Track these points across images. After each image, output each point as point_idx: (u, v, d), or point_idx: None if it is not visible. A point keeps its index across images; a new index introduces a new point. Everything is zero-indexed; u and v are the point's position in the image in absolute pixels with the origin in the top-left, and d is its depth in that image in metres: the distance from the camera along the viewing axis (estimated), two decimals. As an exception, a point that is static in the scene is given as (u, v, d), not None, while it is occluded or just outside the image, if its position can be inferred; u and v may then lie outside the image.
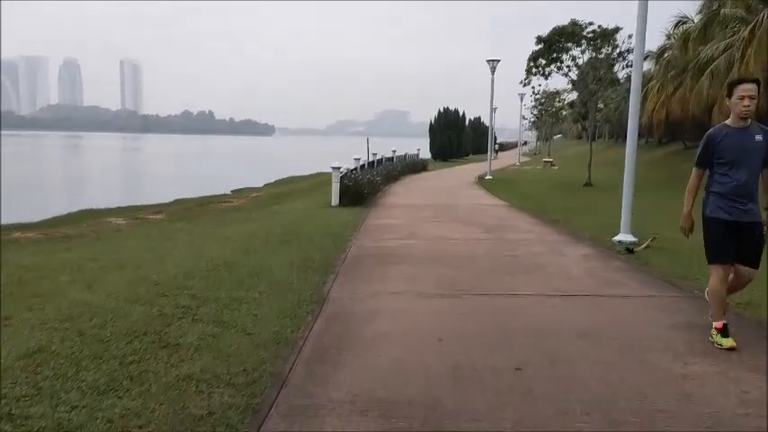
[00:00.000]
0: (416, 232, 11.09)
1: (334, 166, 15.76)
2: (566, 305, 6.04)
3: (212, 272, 7.00)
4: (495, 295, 6.44)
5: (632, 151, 10.20)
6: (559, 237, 10.75)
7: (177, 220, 14.40)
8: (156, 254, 8.23)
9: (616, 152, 48.36)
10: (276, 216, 13.95)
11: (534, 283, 7.01)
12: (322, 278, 7.08)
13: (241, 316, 5.34)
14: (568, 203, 17.00)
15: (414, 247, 9.50)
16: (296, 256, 8.31)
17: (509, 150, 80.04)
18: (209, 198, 25.28)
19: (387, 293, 6.48)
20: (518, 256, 8.68)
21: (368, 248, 9.35)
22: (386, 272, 7.57)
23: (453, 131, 52.55)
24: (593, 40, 24.80)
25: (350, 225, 11.83)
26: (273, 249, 8.77)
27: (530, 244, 9.82)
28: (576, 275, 7.42)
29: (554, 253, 9.01)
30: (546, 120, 60.65)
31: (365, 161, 22.36)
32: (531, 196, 19.26)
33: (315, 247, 9.07)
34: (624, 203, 10.06)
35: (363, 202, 16.14)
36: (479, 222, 12.62)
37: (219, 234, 10.73)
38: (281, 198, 21.90)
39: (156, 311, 5.30)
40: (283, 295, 6.13)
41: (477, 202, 17.38)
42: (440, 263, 8.16)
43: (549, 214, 14.21)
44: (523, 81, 26.88)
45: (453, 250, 9.19)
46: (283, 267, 7.45)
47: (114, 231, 12.00)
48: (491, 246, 9.63)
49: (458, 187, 23.59)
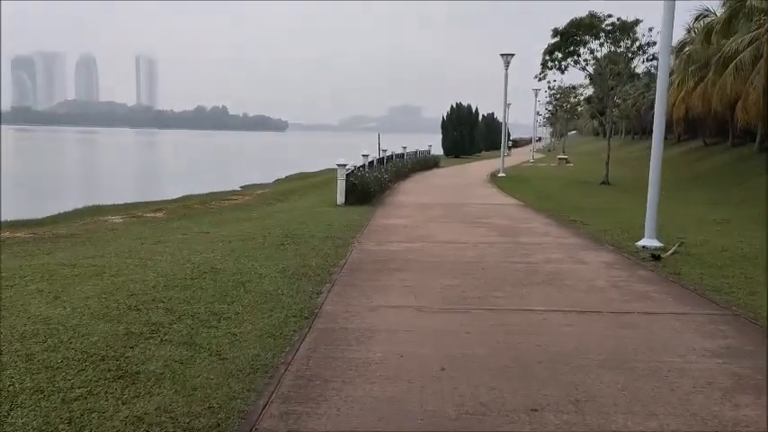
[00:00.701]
0: (424, 234, 10.42)
1: (339, 163, 15.10)
2: (588, 324, 5.34)
3: (196, 280, 6.37)
4: (506, 311, 5.75)
5: (658, 149, 9.42)
6: (578, 240, 10.02)
7: (176, 218, 13.85)
8: (141, 258, 7.62)
9: (633, 149, 47.38)
10: (278, 215, 13.33)
11: (551, 295, 6.31)
12: (316, 288, 6.43)
13: (218, 336, 4.70)
14: (585, 203, 16.24)
15: (420, 251, 8.83)
16: (291, 261, 7.67)
17: (522, 147, 78.97)
18: (217, 194, 24.81)
19: (386, 307, 5.82)
20: (533, 264, 7.97)
21: (370, 253, 8.69)
22: (387, 281, 6.90)
23: (466, 127, 51.69)
24: (611, 33, 23.91)
25: (354, 226, 11.18)
26: (268, 254, 8.14)
27: (546, 249, 9.10)
28: (599, 287, 6.70)
29: (572, 259, 8.30)
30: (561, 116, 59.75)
31: (374, 158, 21.70)
32: (545, 195, 18.50)
33: (313, 251, 8.43)
34: (649, 206, 9.31)
35: (370, 201, 15.49)
36: (491, 224, 11.92)
37: (215, 235, 10.11)
38: (288, 195, 21.29)
39: (122, 330, 4.68)
40: (270, 310, 5.49)
41: (489, 202, 16.65)
42: (447, 270, 7.48)
43: (565, 215, 13.47)
44: (539, 75, 26.04)
45: (462, 256, 8.50)
46: (275, 275, 6.81)
47: (108, 231, 11.44)
48: (503, 251, 8.93)
49: (469, 185, 22.86)
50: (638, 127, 58.04)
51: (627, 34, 23.85)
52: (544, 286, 6.72)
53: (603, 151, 26.89)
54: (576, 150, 60.54)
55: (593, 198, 18.05)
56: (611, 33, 23.90)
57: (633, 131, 59.93)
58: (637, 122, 54.38)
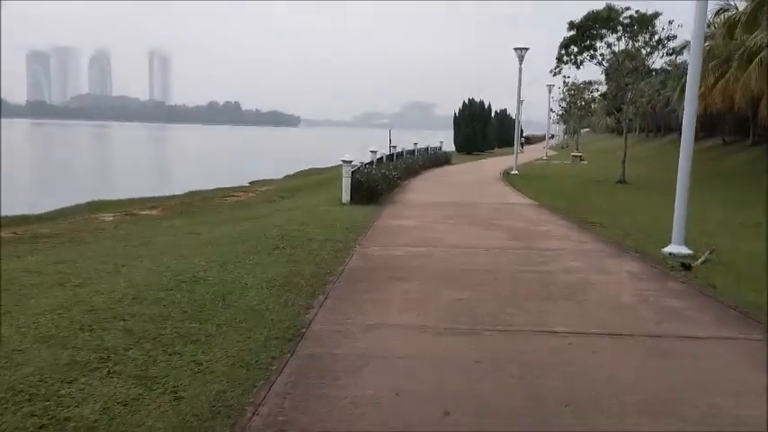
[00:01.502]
0: (431, 237, 9.64)
1: (344, 159, 14.34)
2: (619, 351, 4.56)
3: (170, 292, 5.65)
4: (521, 332, 4.97)
5: (688, 149, 8.62)
6: (598, 246, 9.20)
7: (171, 216, 13.17)
8: (116, 264, 6.92)
9: (648, 147, 46.34)
10: (278, 214, 12.61)
11: (573, 313, 5.52)
12: (307, 301, 5.69)
13: (179, 365, 3.97)
14: (603, 203, 15.39)
15: (426, 257, 8.06)
16: (283, 268, 6.93)
17: (535, 144, 77.80)
18: (223, 190, 24.19)
19: (384, 327, 5.06)
20: (551, 273, 7.18)
21: (372, 258, 7.93)
22: (388, 293, 6.14)
23: (478, 123, 50.72)
24: (629, 27, 22.95)
25: (357, 227, 10.43)
26: (258, 259, 7.41)
27: (564, 255, 8.30)
28: (626, 303, 5.90)
29: (594, 268, 7.49)
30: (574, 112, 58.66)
31: (383, 154, 20.93)
32: (561, 194, 17.64)
33: (309, 257, 7.69)
34: (677, 209, 8.48)
35: (377, 200, 14.72)
36: (504, 226, 11.12)
37: (206, 236, 9.41)
38: (293, 192, 20.57)
39: (65, 357, 3.96)
40: (249, 330, 4.76)
41: (502, 201, 15.84)
42: (455, 280, 6.71)
43: (582, 216, 12.63)
44: (553, 70, 25.11)
45: (473, 263, 7.73)
46: (261, 286, 6.07)
47: (95, 231, 10.77)
48: (518, 257, 8.14)
49: (481, 183, 22.02)
50: (652, 124, 56.86)
51: (645, 28, 22.90)
52: (564, 301, 5.94)
53: (618, 149, 26.02)
54: (589, 148, 59.41)
55: (610, 198, 17.18)
56: (629, 27, 22.96)
57: (648, 129, 58.69)
58: (651, 120, 53.22)
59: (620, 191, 19.81)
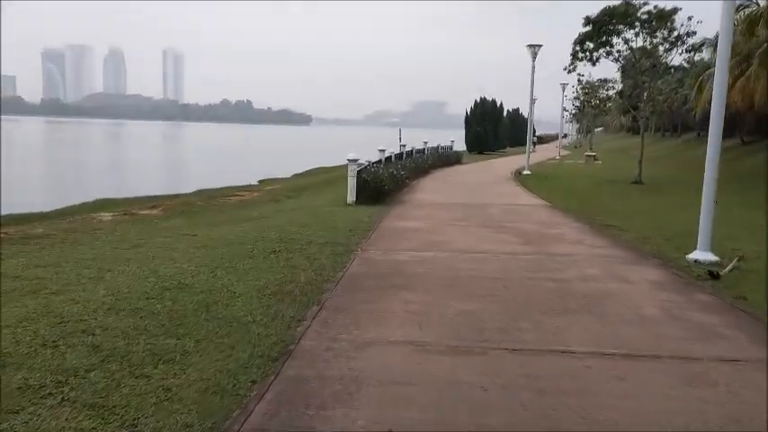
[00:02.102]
0: (439, 241, 9.14)
1: (350, 158, 13.86)
2: (646, 377, 4.03)
3: (151, 301, 5.20)
4: (535, 352, 4.46)
5: (715, 150, 8.05)
6: (616, 251, 8.64)
7: (171, 216, 12.76)
8: (101, 269, 6.48)
9: (664, 147, 45.48)
10: (280, 215, 12.16)
11: (592, 330, 5.00)
12: (299, 313, 5.21)
13: (145, 391, 3.50)
14: (619, 205, 14.80)
15: (432, 263, 7.56)
16: (277, 274, 6.46)
17: (547, 143, 76.96)
18: (231, 189, 23.86)
19: (381, 344, 4.57)
20: (566, 282, 6.65)
21: (374, 264, 7.45)
22: (388, 303, 5.65)
23: (490, 122, 50.04)
24: (647, 22, 22.28)
25: (361, 229, 9.95)
26: (253, 264, 6.94)
27: (580, 262, 7.77)
28: (651, 317, 5.37)
29: (613, 277, 6.95)
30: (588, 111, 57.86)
31: (392, 153, 20.44)
32: (574, 195, 17.06)
33: (306, 262, 7.22)
34: (703, 213, 7.93)
35: (384, 200, 14.24)
36: (516, 228, 10.59)
37: (202, 238, 8.97)
38: (299, 192, 20.14)
39: (18, 380, 3.51)
40: (231, 346, 4.29)
41: (513, 202, 15.29)
42: (462, 289, 6.20)
43: (598, 218, 12.08)
44: (568, 67, 24.50)
45: (481, 269, 7.22)
46: (251, 295, 5.61)
47: (89, 231, 10.38)
48: (530, 264, 7.61)
49: (492, 183, 21.46)
50: (668, 123, 55.92)
51: (664, 24, 22.23)
52: (582, 315, 5.42)
53: (633, 148, 25.37)
54: (603, 147, 58.57)
55: (626, 199, 16.59)
56: (646, 23, 22.29)
57: (664, 128, 57.74)
58: (668, 119, 52.32)
59: (636, 192, 19.19)
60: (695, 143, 44.45)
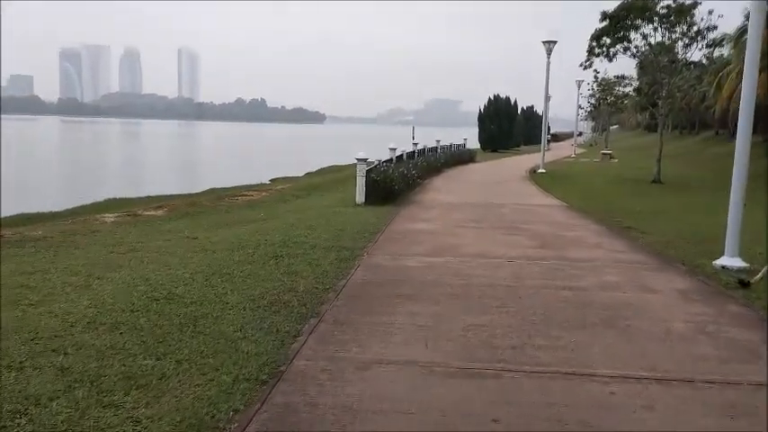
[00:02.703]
0: (450, 244, 8.69)
1: (359, 157, 13.43)
2: (680, 406, 3.57)
3: (135, 314, 4.81)
4: (554, 375, 4.01)
5: (744, 149, 7.58)
6: (638, 256, 8.14)
7: (175, 217, 12.43)
8: (90, 276, 6.12)
9: (682, 145, 44.57)
10: (287, 216, 11.77)
11: (615, 347, 4.54)
12: (295, 327, 4.81)
13: (111, 425, 3.10)
14: (638, 205, 14.25)
15: (442, 269, 7.11)
16: (275, 282, 6.06)
17: (562, 141, 76.04)
18: (241, 188, 23.60)
19: (383, 364, 4.15)
20: (585, 291, 6.18)
21: (380, 270, 7.02)
22: (393, 316, 5.22)
23: (504, 120, 49.35)
24: (666, 17, 21.61)
25: (368, 231, 9.52)
26: (251, 270, 6.55)
27: (600, 268, 7.28)
28: (680, 333, 4.89)
29: (636, 285, 6.47)
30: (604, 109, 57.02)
31: (403, 152, 20.00)
32: (591, 195, 16.52)
33: (308, 268, 6.81)
34: (731, 216, 7.43)
35: (394, 200, 13.81)
36: (531, 230, 10.11)
37: (202, 241, 8.59)
38: (310, 191, 19.74)
39: (-32, 411, 3.13)
40: (216, 368, 3.88)
41: (528, 202, 14.78)
42: (474, 300, 5.76)
43: (617, 220, 11.57)
44: (584, 64, 23.91)
45: (494, 277, 6.76)
46: (245, 306, 5.21)
47: (88, 233, 10.05)
48: (546, 270, 7.14)
49: (506, 182, 20.93)
50: (686, 121, 54.92)
51: (684, 18, 21.54)
52: (603, 329, 4.95)
53: (650, 146, 24.74)
54: (619, 145, 57.63)
55: (645, 199, 16.02)
56: (665, 17, 21.63)
57: (681, 126, 56.71)
58: (686, 116, 51.36)
59: (655, 191, 18.60)
60: (714, 141, 43.53)
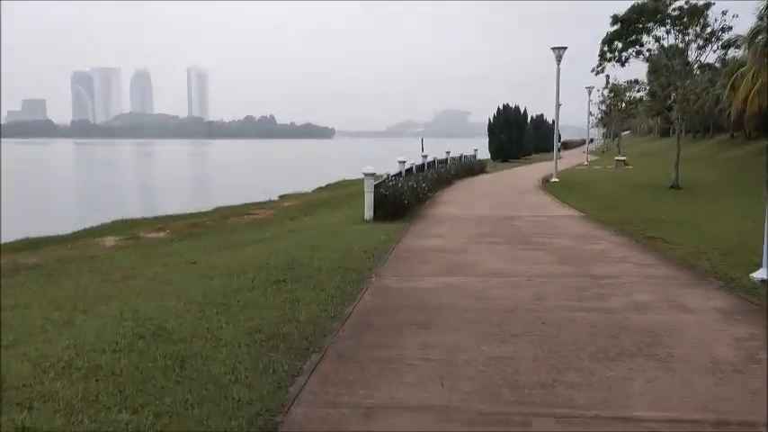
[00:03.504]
0: (464, 262, 8.16)
1: (366, 171, 12.95)
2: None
3: (117, 354, 4.32)
4: (588, 420, 3.45)
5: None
6: (668, 270, 7.56)
7: (177, 239, 12.01)
8: (75, 310, 5.66)
9: (698, 149, 43.73)
10: (292, 235, 11.29)
11: (658, 382, 3.97)
12: (296, 364, 4.30)
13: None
14: (660, 213, 13.65)
15: (456, 291, 6.58)
16: (276, 311, 5.56)
17: (573, 149, 75.27)
18: (250, 206, 23.26)
19: (392, 410, 3.61)
20: (615, 313, 5.62)
21: (390, 294, 6.50)
22: (404, 348, 4.70)
23: (514, 129, 48.78)
24: (679, 19, 21.06)
25: (377, 250, 9.02)
26: (250, 299, 6.05)
27: (629, 285, 6.71)
28: (730, 362, 4.32)
29: (671, 304, 5.90)
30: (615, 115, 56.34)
31: (413, 164, 19.53)
32: (610, 204, 15.93)
33: (312, 293, 6.31)
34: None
35: (404, 215, 13.30)
36: (550, 245, 9.56)
37: (202, 266, 8.13)
38: (317, 208, 19.30)
39: None
40: (199, 420, 3.37)
41: (544, 214, 14.21)
42: (493, 327, 5.22)
43: (640, 230, 11.00)
44: (596, 68, 23.34)
45: (514, 299, 6.21)
46: (240, 341, 4.70)
47: (86, 259, 9.64)
48: (571, 289, 6.58)
49: (520, 193, 20.36)
50: (699, 125, 54.06)
51: (697, 19, 20.98)
52: (642, 360, 4.39)
53: (664, 151, 24.13)
54: (632, 151, 56.81)
55: (666, 206, 15.40)
56: (678, 19, 21.08)
57: (695, 130, 55.83)
58: (698, 120, 50.54)
59: (675, 198, 17.96)
60: (729, 144, 42.69)
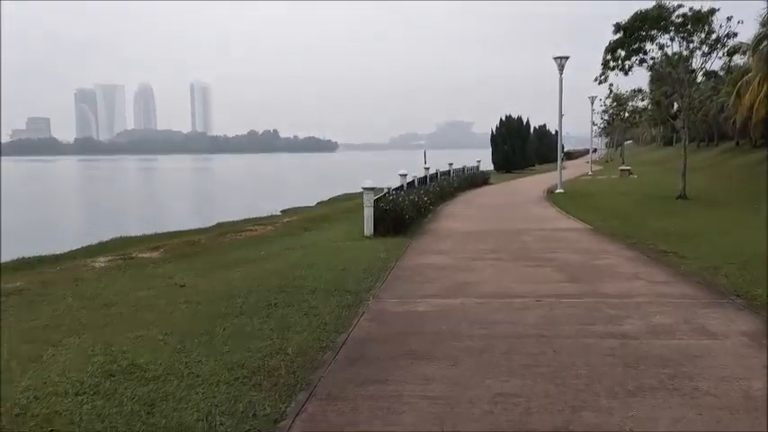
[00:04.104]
0: (467, 282, 7.70)
1: (365, 186, 12.53)
2: None
3: (79, 398, 3.87)
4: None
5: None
6: (684, 288, 7.08)
7: (171, 259, 11.56)
8: (45, 343, 5.21)
9: (703, 157, 43.26)
10: (288, 254, 10.83)
11: (688, 424, 3.51)
12: (279, 407, 3.84)
13: None
14: (669, 224, 13.17)
15: (459, 314, 6.12)
16: (262, 342, 5.11)
17: (575, 159, 74.89)
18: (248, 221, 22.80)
19: (385, 464, 3.16)
20: (633, 339, 5.14)
21: (387, 319, 6.04)
22: (401, 385, 4.23)
23: (517, 140, 48.46)
24: (683, 26, 20.69)
25: (376, 268, 8.58)
26: (236, 327, 5.61)
27: (644, 306, 6.24)
28: (760, 394, 3.85)
29: (693, 328, 5.43)
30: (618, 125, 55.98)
31: (414, 177, 19.13)
32: (617, 215, 15.46)
33: (305, 319, 5.87)
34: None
35: (405, 230, 12.87)
36: (557, 260, 9.09)
37: (190, 289, 7.68)
38: (318, 222, 18.83)
39: None
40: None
41: (549, 226, 13.75)
42: (499, 357, 4.76)
43: (650, 243, 10.53)
44: (599, 78, 22.93)
45: (521, 323, 5.74)
46: (219, 379, 4.25)
47: (71, 282, 9.21)
48: (582, 312, 6.11)
49: (524, 205, 19.92)
50: (703, 133, 53.62)
51: (701, 26, 20.61)
52: (666, 395, 3.92)
53: (668, 160, 23.70)
54: (636, 160, 56.37)
55: (675, 217, 14.89)
56: (681, 26, 20.70)
57: (699, 138, 55.38)
58: (702, 128, 50.07)
59: (683, 208, 17.46)
60: (735, 152, 42.17)
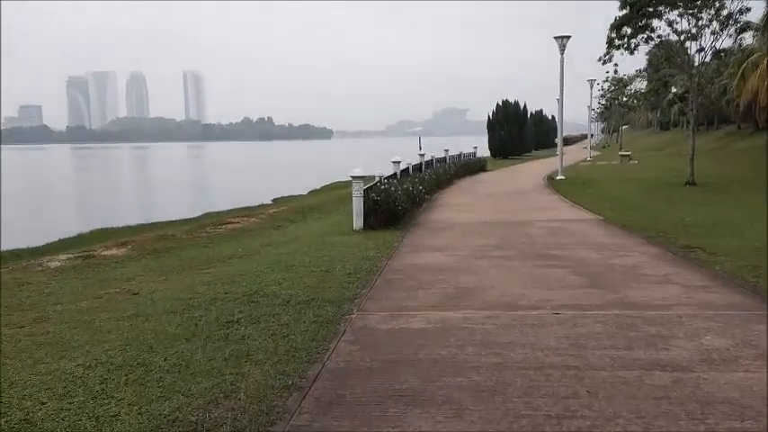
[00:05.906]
0: (468, 288, 6.55)
1: (354, 174, 11.34)
2: None
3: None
4: None
5: None
6: (728, 295, 5.93)
7: (137, 257, 10.38)
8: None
9: (705, 141, 42.03)
10: (268, 251, 9.65)
11: None
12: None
13: None
14: (685, 214, 12.05)
15: (460, 333, 4.96)
16: (210, 381, 3.96)
17: (573, 144, 73.74)
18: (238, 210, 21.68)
19: None
20: (686, 372, 4.00)
21: (371, 342, 4.88)
22: (385, 448, 3.10)
23: (514, 126, 47.23)
24: (692, 1, 19.46)
25: (362, 271, 7.43)
26: (181, 356, 4.45)
27: (688, 322, 5.10)
28: None
29: (755, 353, 4.28)
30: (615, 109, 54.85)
31: (408, 165, 17.93)
32: (626, 204, 14.32)
33: (271, 343, 4.73)
34: None
35: (398, 222, 11.73)
36: (571, 258, 7.94)
37: (142, 299, 6.53)
38: (306, 213, 17.67)
39: None
40: None
41: (556, 217, 12.60)
42: (514, 400, 3.61)
43: (670, 236, 9.40)
44: (603, 58, 21.71)
45: (541, 347, 4.58)
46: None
47: (17, 287, 8.02)
48: (613, 330, 4.95)
49: (525, 192, 18.76)
50: (704, 116, 52.50)
51: (712, 1, 19.41)
52: (756, 470, 2.80)
53: (666, 145, 22.70)
54: (635, 145, 55.23)
55: (688, 206, 13.76)
56: (691, 1, 19.48)
57: (699, 121, 54.24)
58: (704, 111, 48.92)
59: (695, 195, 16.34)
60: (738, 136, 41.01)
